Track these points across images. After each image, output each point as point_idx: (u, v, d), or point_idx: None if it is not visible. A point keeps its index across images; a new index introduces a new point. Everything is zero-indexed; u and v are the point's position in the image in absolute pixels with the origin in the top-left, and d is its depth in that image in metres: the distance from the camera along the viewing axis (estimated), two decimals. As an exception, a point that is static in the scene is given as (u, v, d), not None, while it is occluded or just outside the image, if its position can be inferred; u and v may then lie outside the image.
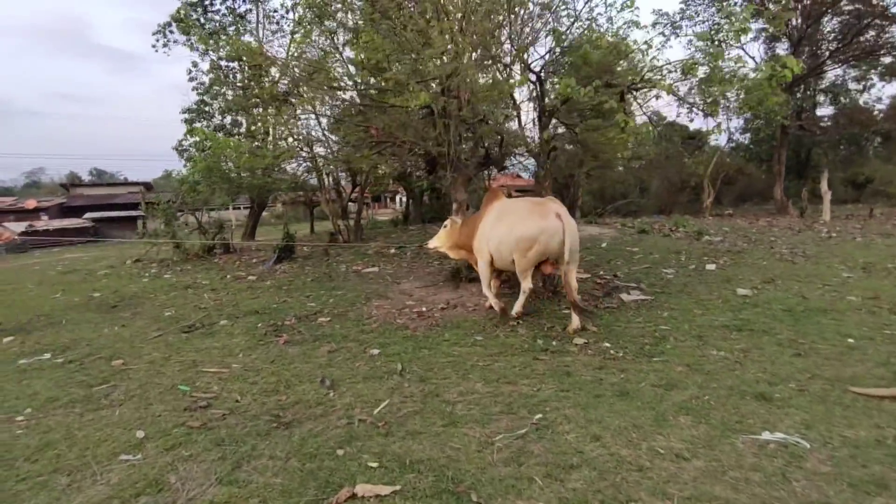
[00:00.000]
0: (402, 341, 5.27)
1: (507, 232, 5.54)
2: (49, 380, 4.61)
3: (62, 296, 9.11)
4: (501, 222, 5.68)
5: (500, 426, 3.37)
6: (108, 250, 21.73)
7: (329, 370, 4.52)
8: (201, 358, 5.01)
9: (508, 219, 5.62)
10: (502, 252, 5.63)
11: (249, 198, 17.39)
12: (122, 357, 5.17)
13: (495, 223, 5.75)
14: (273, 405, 3.83)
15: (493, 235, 5.71)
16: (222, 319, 6.51)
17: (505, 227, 5.59)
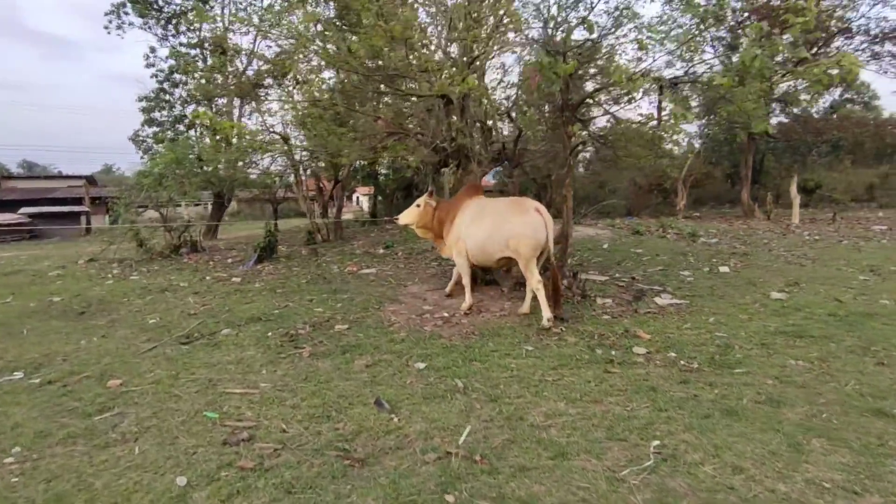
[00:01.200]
0: (444, 352, 4.71)
1: (493, 231, 5.78)
2: (30, 407, 3.78)
3: (14, 300, 7.97)
4: (483, 220, 5.91)
5: (617, 456, 2.91)
6: (47, 249, 19.85)
7: (377, 389, 3.92)
8: (217, 376, 4.28)
9: (491, 218, 5.85)
10: (487, 250, 5.88)
11: (214, 193, 16.24)
12: (116, 376, 4.36)
13: (475, 220, 5.99)
14: (332, 436, 3.21)
15: (474, 233, 5.95)
16: (223, 328, 5.73)
17: (489, 225, 5.83)
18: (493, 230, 5.77)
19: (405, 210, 6.76)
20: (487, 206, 6.14)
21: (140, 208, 12.97)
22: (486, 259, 6.05)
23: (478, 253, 6.00)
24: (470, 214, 6.11)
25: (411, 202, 6.87)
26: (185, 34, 19.39)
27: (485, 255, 5.97)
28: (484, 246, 5.88)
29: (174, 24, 19.44)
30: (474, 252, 6.03)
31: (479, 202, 6.25)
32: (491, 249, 5.84)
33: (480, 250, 5.94)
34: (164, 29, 19.40)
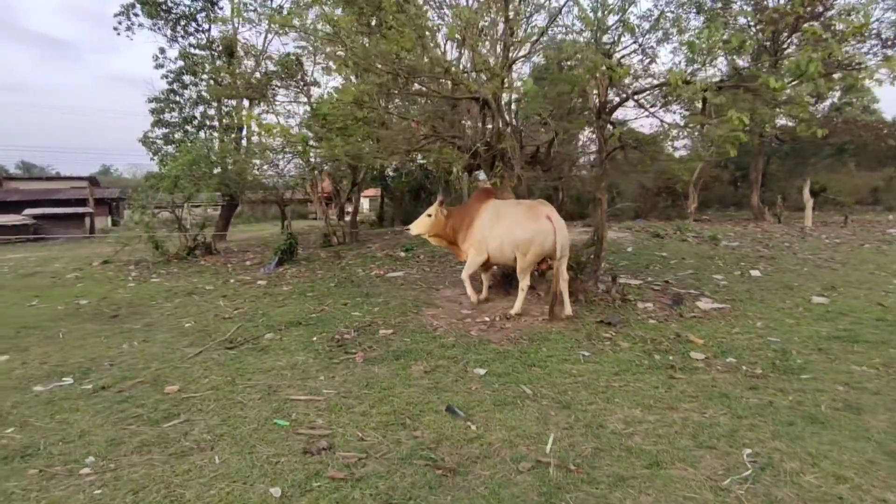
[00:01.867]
0: (499, 358, 4.66)
1: (506, 233, 6.08)
2: (93, 414, 3.70)
3: (40, 303, 7.87)
4: (499, 223, 6.19)
5: (712, 465, 2.86)
6: (54, 250, 19.70)
7: (443, 395, 3.87)
8: (275, 382, 4.21)
9: (505, 221, 6.15)
10: (504, 251, 6.15)
11: (224, 195, 16.11)
12: (170, 381, 4.29)
13: (494, 223, 6.23)
14: (413, 444, 3.15)
15: (494, 235, 6.18)
16: (265, 332, 5.66)
17: (503, 228, 6.13)
18: (506, 233, 6.07)
19: (416, 220, 6.76)
20: (503, 209, 6.38)
21: (157, 209, 12.81)
22: (505, 260, 6.33)
23: (497, 255, 6.26)
24: (489, 217, 6.32)
25: (421, 204, 6.87)
26: (195, 35, 19.30)
27: (503, 256, 6.25)
28: (501, 248, 6.14)
29: (182, 25, 19.34)
30: (495, 253, 6.26)
31: (494, 205, 6.45)
32: (507, 251, 6.13)
33: (499, 252, 6.20)
34: (172, 30, 19.29)
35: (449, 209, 6.67)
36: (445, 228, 6.64)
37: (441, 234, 6.70)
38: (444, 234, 6.69)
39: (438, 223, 6.61)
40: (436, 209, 6.61)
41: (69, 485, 2.80)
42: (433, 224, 6.61)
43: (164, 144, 18.48)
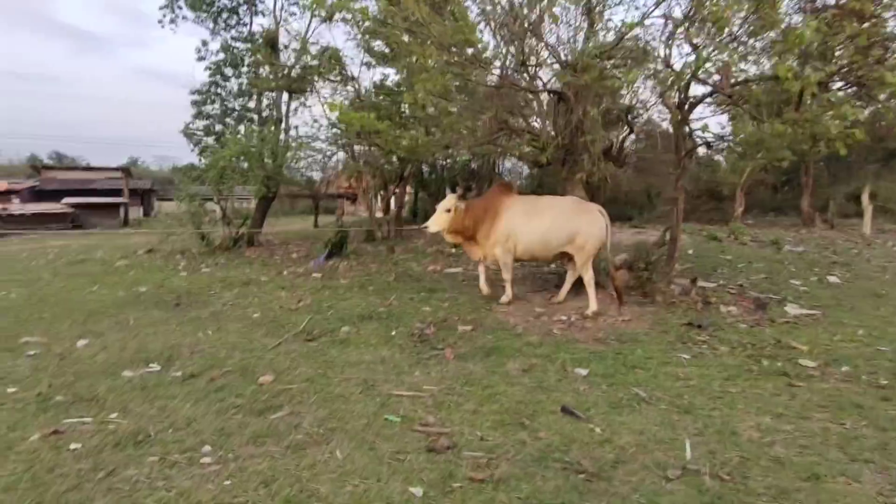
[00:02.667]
0: (595, 358, 4.46)
1: (554, 226, 6.09)
2: (193, 402, 3.60)
3: (99, 289, 7.88)
4: (541, 217, 6.15)
5: (876, 480, 2.64)
6: (93, 238, 20.01)
7: (551, 395, 3.69)
8: (369, 376, 4.07)
9: (549, 215, 6.15)
10: (549, 244, 6.16)
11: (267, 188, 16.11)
12: (260, 372, 4.18)
13: (530, 217, 6.17)
14: (541, 446, 2.97)
15: (531, 230, 6.12)
16: (339, 325, 5.53)
17: (548, 221, 6.11)
18: (553, 226, 6.08)
19: (433, 217, 6.31)
20: (541, 203, 6.43)
21: (205, 200, 12.82)
22: (543, 253, 6.35)
23: (536, 248, 6.22)
24: (521, 211, 6.22)
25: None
26: (236, 28, 19.38)
27: (545, 249, 6.23)
28: (544, 241, 6.13)
29: (224, 18, 19.42)
30: (529, 247, 6.21)
31: (524, 199, 6.46)
32: (553, 244, 6.14)
33: (540, 244, 6.18)
34: (214, 22, 19.39)
35: (466, 203, 6.32)
36: (464, 223, 6.27)
37: (460, 229, 6.30)
38: (462, 229, 6.31)
39: (457, 218, 6.19)
40: (453, 203, 6.17)
41: (193, 474, 2.69)
42: (452, 220, 6.18)
43: (205, 136, 18.59)
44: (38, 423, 3.30)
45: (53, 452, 2.92)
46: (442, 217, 6.20)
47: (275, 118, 19.52)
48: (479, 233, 6.30)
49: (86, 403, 3.61)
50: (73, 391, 3.82)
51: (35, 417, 3.40)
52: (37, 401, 3.64)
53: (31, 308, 6.61)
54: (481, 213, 6.29)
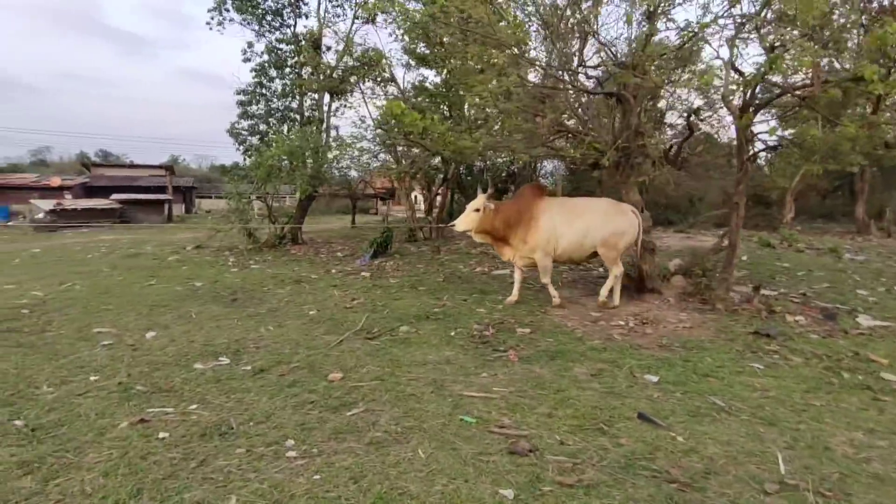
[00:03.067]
0: (663, 365, 4.36)
1: (593, 228, 6.21)
2: (269, 396, 3.66)
3: (157, 283, 8.12)
4: (581, 218, 6.23)
5: None
6: (140, 233, 20.68)
7: (625, 401, 3.61)
8: (437, 376, 4.07)
9: (588, 216, 6.25)
10: (585, 246, 6.28)
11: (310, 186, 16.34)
12: (326, 369, 4.23)
13: (571, 220, 6.23)
14: (625, 452, 2.91)
15: (573, 231, 6.19)
16: (397, 325, 5.56)
17: (587, 223, 6.21)
18: (593, 227, 6.19)
19: (461, 216, 6.32)
20: (578, 205, 6.52)
21: (256, 199, 13.08)
22: (579, 255, 6.43)
23: (574, 250, 6.29)
24: (560, 213, 6.26)
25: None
26: (280, 30, 19.76)
27: (582, 250, 6.32)
28: (582, 243, 6.23)
29: (269, 20, 19.82)
30: (568, 249, 6.27)
31: (559, 202, 6.53)
32: (589, 244, 6.27)
33: (579, 246, 6.26)
34: (259, 24, 19.81)
35: (496, 204, 6.32)
36: (494, 223, 6.25)
37: (489, 229, 6.29)
38: (491, 229, 6.29)
39: (486, 219, 6.20)
40: (482, 203, 6.18)
41: (281, 467, 2.73)
42: (481, 220, 6.19)
43: (250, 135, 19.00)
44: (123, 412, 3.41)
45: (144, 440, 3.00)
46: (471, 217, 6.19)
47: (317, 118, 19.86)
48: (513, 236, 6.30)
49: (165, 394, 3.70)
50: (151, 381, 3.93)
51: (120, 406, 3.50)
52: (119, 390, 3.76)
53: (96, 300, 6.85)
54: (514, 216, 6.26)
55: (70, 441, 3.00)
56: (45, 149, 67.72)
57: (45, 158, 65.85)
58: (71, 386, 3.84)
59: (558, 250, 6.25)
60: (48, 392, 3.72)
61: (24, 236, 19.57)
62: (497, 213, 6.21)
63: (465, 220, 6.20)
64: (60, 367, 4.23)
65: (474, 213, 6.17)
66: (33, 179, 28.31)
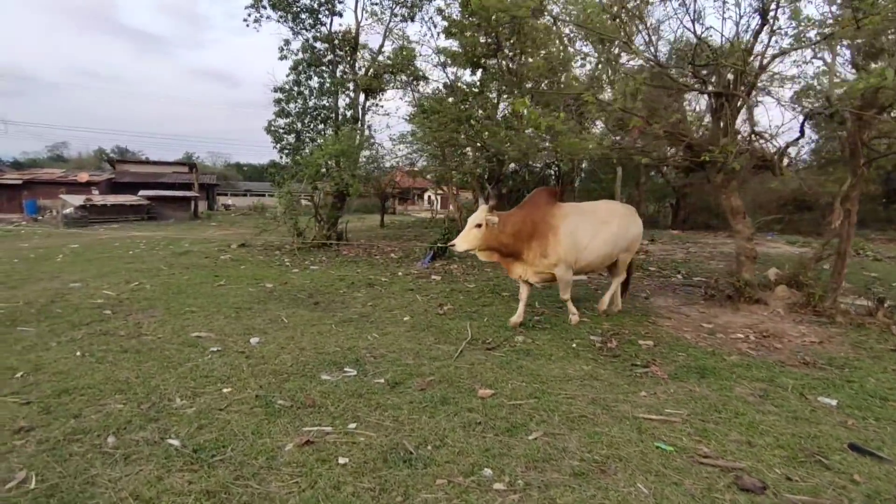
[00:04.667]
0: (828, 386, 4.02)
1: (621, 234, 5.78)
2: (423, 413, 3.37)
3: (227, 284, 7.87)
4: (608, 227, 5.70)
5: None
6: (170, 230, 20.52)
7: (821, 428, 3.29)
8: (595, 395, 3.76)
9: (615, 223, 5.76)
10: (612, 255, 5.83)
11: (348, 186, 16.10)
12: (461, 381, 3.94)
13: (596, 228, 5.63)
14: (866, 490, 2.59)
15: (601, 240, 5.63)
16: (513, 334, 5.26)
17: (614, 230, 5.72)
18: (619, 234, 5.78)
19: (462, 233, 5.26)
20: (598, 210, 5.88)
21: (306, 197, 12.83)
22: (601, 265, 6.01)
23: (600, 260, 5.80)
24: (583, 222, 5.59)
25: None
26: (316, 28, 19.53)
27: (608, 260, 5.89)
28: (611, 252, 5.79)
29: (303, 18, 19.57)
30: (595, 261, 5.73)
31: (576, 208, 5.84)
32: (615, 253, 5.88)
33: (606, 256, 5.79)
34: (293, 22, 19.57)
35: (500, 215, 5.26)
36: (501, 239, 5.25)
37: (496, 246, 5.31)
38: (499, 245, 5.31)
39: (491, 234, 5.18)
40: (484, 216, 5.14)
41: (497, 502, 2.43)
42: (484, 236, 5.17)
43: (286, 134, 18.80)
44: (279, 430, 3.13)
45: (324, 467, 2.73)
46: (472, 234, 5.16)
47: (351, 117, 19.63)
48: (527, 250, 5.40)
49: (311, 410, 3.42)
50: (288, 394, 3.66)
51: (271, 423, 3.23)
52: (259, 404, 3.49)
53: (174, 300, 6.61)
54: (528, 228, 5.35)
55: (244, 466, 2.72)
56: (61, 144, 68.05)
57: (62, 154, 66.16)
58: (206, 398, 3.57)
59: (581, 262, 5.58)
60: (185, 405, 3.45)
61: (57, 231, 19.46)
62: (505, 225, 5.23)
63: (466, 237, 5.17)
64: (183, 376, 3.96)
65: (476, 230, 5.15)
66: (60, 174, 28.25)
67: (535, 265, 5.45)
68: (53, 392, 3.60)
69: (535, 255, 5.40)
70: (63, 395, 3.57)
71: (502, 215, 5.30)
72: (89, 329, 5.24)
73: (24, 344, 4.70)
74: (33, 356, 4.36)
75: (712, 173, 6.75)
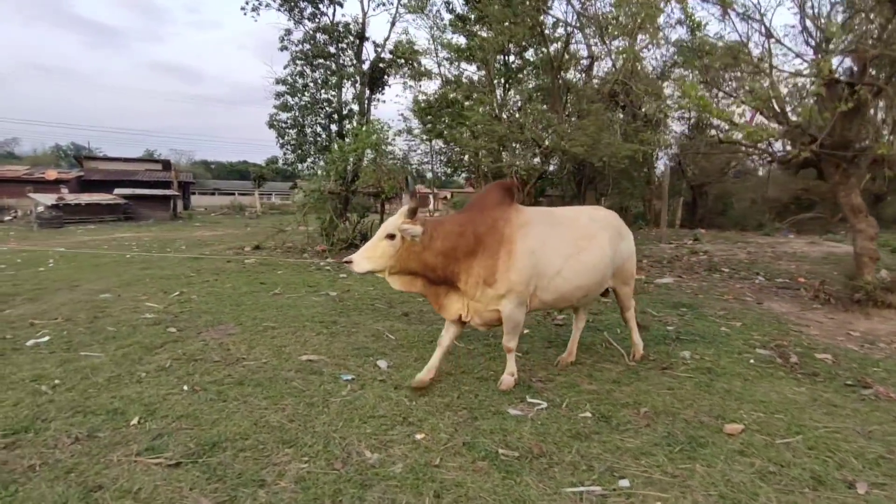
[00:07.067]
0: None
1: (614, 253, 3.89)
2: (683, 457, 2.71)
3: (283, 292, 6.97)
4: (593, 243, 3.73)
5: None
6: (154, 231, 19.15)
7: None
8: (845, 423, 3.16)
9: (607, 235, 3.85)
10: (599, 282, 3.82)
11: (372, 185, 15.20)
12: (691, 413, 3.29)
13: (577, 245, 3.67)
14: None
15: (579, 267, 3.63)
16: (680, 350, 4.62)
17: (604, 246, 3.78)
18: (609, 254, 3.81)
19: (364, 246, 3.41)
20: (582, 219, 3.86)
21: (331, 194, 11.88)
22: (582, 300, 3.90)
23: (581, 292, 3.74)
24: (555, 235, 3.62)
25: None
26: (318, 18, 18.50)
27: (590, 292, 3.85)
28: (599, 280, 3.80)
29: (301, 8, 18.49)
30: (571, 292, 3.66)
31: (549, 215, 3.84)
32: (604, 283, 3.93)
33: (590, 288, 3.76)
34: (290, 12, 18.47)
35: (427, 223, 3.38)
36: (424, 257, 3.36)
37: (415, 266, 3.39)
38: (421, 267, 3.40)
39: (409, 250, 3.33)
40: (400, 223, 3.29)
41: None
42: (399, 253, 3.31)
43: (288, 128, 17.75)
44: (534, 494, 2.41)
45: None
46: (379, 248, 3.31)
47: (356, 112, 18.73)
48: (465, 275, 3.45)
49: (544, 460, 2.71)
50: (496, 438, 2.93)
51: (516, 483, 2.50)
52: (479, 455, 2.75)
53: (236, 313, 5.74)
54: (466, 242, 3.42)
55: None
56: (12, 140, 63.92)
57: (13, 151, 62.11)
58: (401, 449, 2.80)
59: (550, 294, 3.59)
60: (385, 461, 2.68)
61: (31, 233, 17.82)
62: (433, 238, 3.35)
63: (371, 253, 3.32)
64: (345, 418, 3.16)
65: (386, 243, 3.30)
66: (25, 171, 26.10)
67: (475, 297, 3.46)
68: (200, 447, 2.75)
69: (476, 283, 3.42)
70: (216, 450, 2.73)
71: (432, 222, 3.46)
72: (169, 353, 4.33)
73: (105, 375, 3.77)
74: (130, 392, 3.46)
75: (829, 169, 6.30)
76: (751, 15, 5.81)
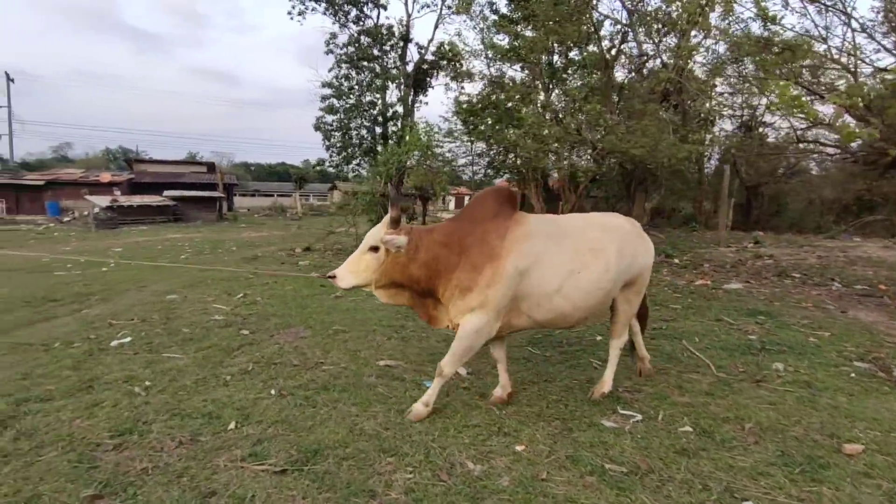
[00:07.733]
0: None
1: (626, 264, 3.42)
2: (807, 479, 2.54)
3: (342, 294, 7.00)
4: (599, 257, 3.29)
5: None
6: (204, 231, 19.67)
7: None
8: None
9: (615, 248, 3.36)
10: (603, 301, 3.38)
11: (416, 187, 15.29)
12: (801, 430, 3.10)
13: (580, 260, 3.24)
14: None
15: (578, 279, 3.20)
16: (771, 363, 4.40)
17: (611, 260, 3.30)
18: (619, 268, 3.37)
19: (349, 257, 3.27)
20: (589, 231, 3.40)
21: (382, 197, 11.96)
22: (582, 319, 3.43)
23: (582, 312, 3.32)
24: (555, 250, 3.23)
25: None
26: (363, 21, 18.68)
27: (594, 310, 3.44)
28: (602, 299, 3.36)
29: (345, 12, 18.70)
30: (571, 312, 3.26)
31: (553, 225, 3.44)
32: (607, 301, 3.46)
33: (593, 307, 3.36)
34: (334, 16, 18.70)
35: (412, 232, 3.21)
36: (408, 270, 3.19)
37: (401, 279, 3.23)
38: (405, 279, 3.23)
39: (394, 263, 3.16)
40: (382, 234, 3.15)
41: None
42: (385, 265, 3.16)
43: (334, 131, 17.98)
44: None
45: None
46: (363, 261, 3.18)
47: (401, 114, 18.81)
48: (445, 284, 3.21)
49: (652, 476, 2.58)
50: (598, 452, 2.81)
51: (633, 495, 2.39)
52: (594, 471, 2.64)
53: (304, 316, 5.80)
54: (450, 255, 3.19)
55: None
56: (66, 145, 66.90)
57: (66, 154, 64.99)
58: (503, 461, 2.74)
59: (540, 315, 3.25)
60: (490, 473, 2.62)
61: (91, 233, 18.55)
62: (418, 249, 3.17)
63: (355, 266, 3.20)
64: (440, 427, 3.10)
65: (370, 256, 3.17)
66: (81, 175, 27.24)
67: (449, 302, 3.21)
68: (302, 455, 2.74)
69: (453, 290, 3.17)
70: (318, 458, 2.71)
71: (418, 231, 3.27)
72: (248, 356, 4.38)
73: (192, 378, 3.83)
74: (220, 396, 3.49)
75: None
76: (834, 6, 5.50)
